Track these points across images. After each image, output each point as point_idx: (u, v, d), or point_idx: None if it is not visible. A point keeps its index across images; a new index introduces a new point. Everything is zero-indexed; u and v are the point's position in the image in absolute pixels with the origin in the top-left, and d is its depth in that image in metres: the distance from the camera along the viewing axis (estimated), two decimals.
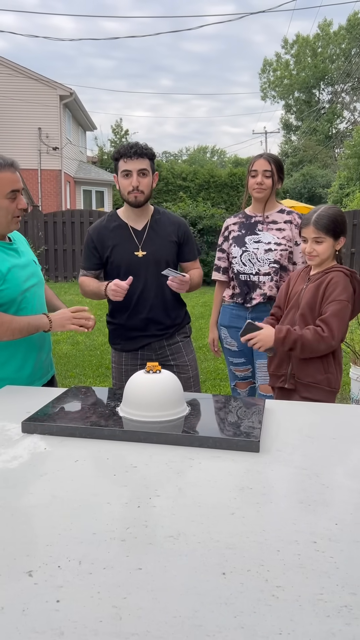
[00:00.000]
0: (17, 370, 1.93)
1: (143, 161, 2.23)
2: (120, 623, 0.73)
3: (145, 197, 2.29)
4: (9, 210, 1.85)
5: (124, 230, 2.34)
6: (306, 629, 0.72)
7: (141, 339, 2.40)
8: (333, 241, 2.08)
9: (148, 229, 2.35)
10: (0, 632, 0.71)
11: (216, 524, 0.98)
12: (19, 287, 1.90)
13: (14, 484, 1.13)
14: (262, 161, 2.61)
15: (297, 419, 1.56)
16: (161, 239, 2.35)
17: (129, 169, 2.24)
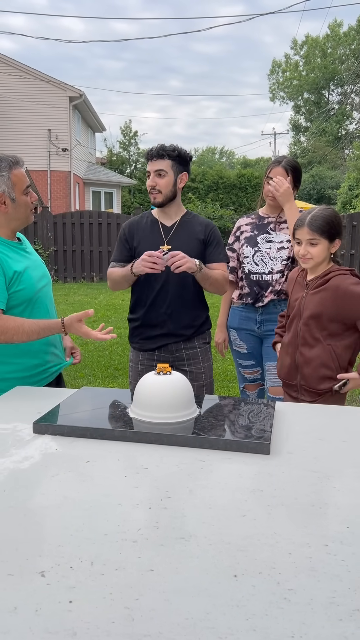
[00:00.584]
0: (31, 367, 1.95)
1: (161, 162, 2.30)
2: (132, 624, 0.73)
3: (164, 197, 2.33)
4: (28, 205, 1.92)
5: (154, 225, 2.42)
6: (318, 632, 0.72)
7: (159, 339, 2.41)
8: (328, 243, 2.01)
9: (177, 226, 2.41)
10: (14, 632, 0.72)
11: (227, 526, 0.98)
12: (34, 287, 1.92)
13: (26, 485, 1.14)
14: (279, 169, 2.58)
15: (307, 421, 1.55)
16: (187, 236, 2.38)
17: (148, 169, 2.34)
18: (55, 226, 12.41)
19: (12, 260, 1.88)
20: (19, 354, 1.91)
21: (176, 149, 2.33)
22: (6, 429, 1.46)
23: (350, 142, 34.39)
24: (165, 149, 2.31)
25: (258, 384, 2.81)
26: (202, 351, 2.46)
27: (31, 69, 18.52)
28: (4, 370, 1.92)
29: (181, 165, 2.35)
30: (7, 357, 1.91)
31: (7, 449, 1.33)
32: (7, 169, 1.83)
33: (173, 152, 2.31)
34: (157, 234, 2.39)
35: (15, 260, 1.89)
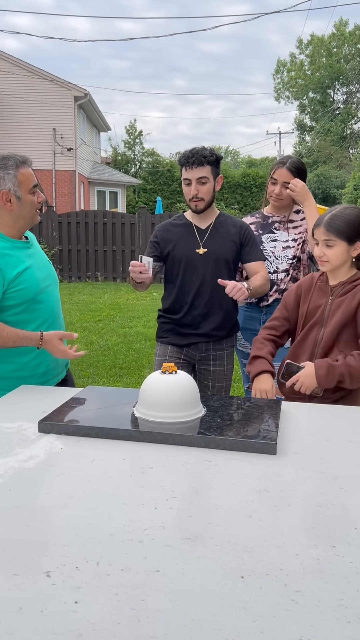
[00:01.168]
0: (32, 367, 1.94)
1: (202, 169, 2.27)
2: (138, 625, 0.73)
3: (206, 204, 2.34)
4: (34, 204, 1.92)
5: (188, 228, 2.41)
6: (327, 635, 0.71)
7: (191, 337, 2.41)
8: (347, 245, 1.85)
9: (211, 228, 2.40)
10: (19, 633, 0.71)
11: (234, 526, 0.97)
12: (36, 286, 1.91)
13: (31, 484, 1.13)
14: (283, 171, 2.55)
15: (314, 421, 1.54)
16: (222, 238, 2.38)
17: (188, 177, 2.29)
18: (60, 225, 12.42)
19: (15, 259, 1.87)
20: (18, 353, 1.91)
21: (213, 153, 2.30)
22: (11, 428, 1.46)
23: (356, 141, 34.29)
24: (204, 155, 2.26)
25: None
26: (228, 354, 2.49)
27: (36, 69, 18.54)
28: (6, 370, 1.92)
29: (217, 168, 2.34)
30: (7, 357, 1.91)
31: (13, 448, 1.32)
32: (14, 167, 1.84)
33: (212, 157, 2.28)
34: (192, 237, 2.38)
35: (18, 259, 1.89)
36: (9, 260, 1.85)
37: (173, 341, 2.45)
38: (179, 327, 2.42)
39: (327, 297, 1.93)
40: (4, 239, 1.90)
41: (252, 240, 2.43)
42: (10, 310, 1.88)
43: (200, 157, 2.25)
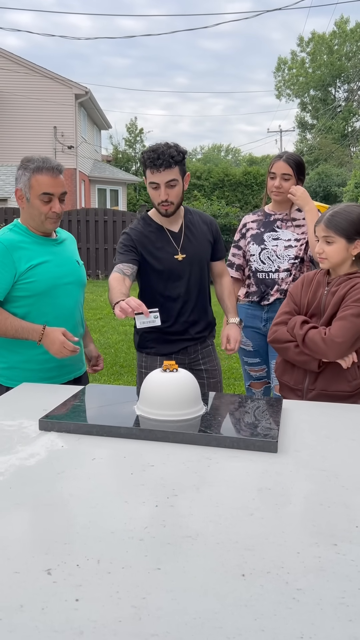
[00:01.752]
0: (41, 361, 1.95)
1: (170, 171, 2.08)
2: (140, 623, 0.73)
3: (176, 207, 2.19)
4: (41, 211, 1.92)
5: (162, 234, 2.24)
6: (328, 633, 0.71)
7: (178, 343, 2.31)
8: (346, 243, 1.86)
9: (185, 230, 2.28)
10: (20, 630, 0.71)
11: (235, 524, 0.97)
12: (49, 281, 1.94)
13: (32, 482, 1.13)
14: (281, 163, 2.57)
15: (315, 420, 1.54)
16: (198, 239, 2.29)
17: (156, 181, 2.10)
18: (61, 224, 12.38)
19: (31, 253, 1.93)
20: (26, 345, 1.93)
21: (180, 151, 2.11)
22: (12, 425, 1.46)
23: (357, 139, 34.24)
24: (172, 156, 2.06)
25: (264, 382, 2.80)
26: (212, 348, 2.45)
27: (37, 66, 18.52)
28: (15, 360, 1.97)
29: (184, 166, 2.17)
30: (16, 347, 1.95)
31: (13, 445, 1.32)
32: (31, 170, 1.89)
33: (179, 157, 2.09)
34: (168, 243, 2.23)
35: (35, 253, 1.94)
36: (22, 253, 1.91)
37: (161, 351, 2.31)
38: (166, 335, 2.29)
39: (323, 288, 1.97)
40: (25, 233, 1.97)
41: (220, 235, 2.41)
42: (19, 302, 1.93)
43: (168, 158, 2.05)
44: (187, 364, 2.36)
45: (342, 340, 1.81)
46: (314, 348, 1.85)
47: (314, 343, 1.84)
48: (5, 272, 1.87)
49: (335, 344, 1.81)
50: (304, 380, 1.96)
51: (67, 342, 1.87)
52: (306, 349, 1.87)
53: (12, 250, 1.89)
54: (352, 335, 1.82)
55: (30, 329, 1.89)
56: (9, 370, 1.98)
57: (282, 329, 1.98)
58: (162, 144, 2.11)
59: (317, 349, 1.84)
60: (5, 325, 1.87)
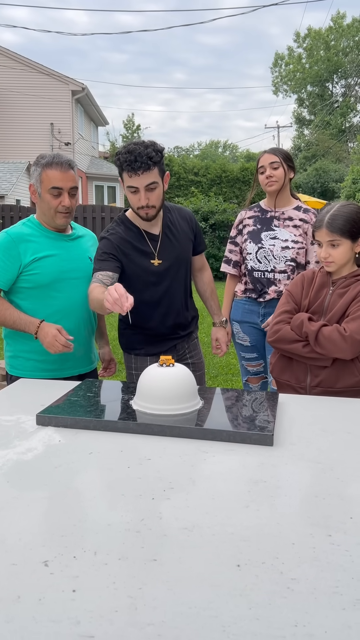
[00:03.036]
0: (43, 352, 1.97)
1: (149, 174, 1.92)
2: (136, 613, 0.73)
3: (157, 210, 2.04)
4: (51, 205, 1.96)
5: (141, 238, 2.11)
6: (322, 622, 0.72)
7: (167, 342, 2.26)
8: (351, 243, 1.86)
9: (165, 231, 2.15)
10: (17, 621, 0.72)
11: (230, 516, 0.98)
12: (53, 274, 1.97)
13: (29, 476, 1.14)
14: (266, 155, 2.60)
15: (311, 413, 1.55)
16: (178, 240, 2.18)
17: (134, 185, 1.95)
18: None
19: (37, 245, 1.97)
20: (30, 336, 1.96)
21: (157, 150, 1.94)
22: (10, 420, 1.47)
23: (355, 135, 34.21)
24: (150, 156, 1.90)
25: (261, 377, 2.80)
26: (197, 341, 2.45)
27: (33, 63, 18.47)
28: (21, 349, 2.03)
29: (163, 165, 2.00)
30: (20, 337, 2.01)
31: (11, 440, 1.33)
32: (42, 165, 1.94)
33: (157, 157, 1.93)
34: (145, 247, 2.10)
35: (42, 246, 1.98)
36: (28, 245, 1.96)
37: (150, 351, 2.24)
38: (153, 337, 2.22)
39: (327, 287, 1.95)
40: (37, 227, 2.02)
41: (200, 230, 2.34)
42: (22, 293, 1.98)
43: (146, 159, 1.89)
44: (175, 360, 2.32)
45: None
46: (330, 346, 1.80)
47: (330, 341, 1.80)
48: (10, 263, 1.94)
49: (356, 341, 1.79)
50: (305, 378, 1.92)
51: (59, 336, 1.85)
52: (318, 346, 1.82)
53: (18, 242, 1.95)
54: None
55: (28, 322, 1.93)
56: (14, 359, 2.05)
57: (285, 328, 1.92)
58: (139, 143, 1.94)
59: (333, 346, 1.80)
60: (5, 315, 1.93)
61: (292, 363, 1.96)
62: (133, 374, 2.30)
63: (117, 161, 1.98)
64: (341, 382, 1.87)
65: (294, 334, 1.90)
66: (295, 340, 1.89)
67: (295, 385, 1.94)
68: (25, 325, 1.93)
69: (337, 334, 1.80)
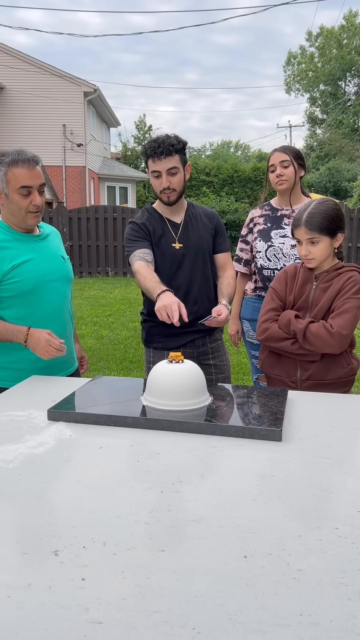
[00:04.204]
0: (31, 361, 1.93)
1: (171, 159, 2.15)
2: (143, 601, 0.75)
3: (178, 195, 2.24)
4: (21, 206, 1.86)
5: (164, 224, 2.30)
6: (327, 611, 0.73)
7: (185, 336, 2.29)
8: (330, 239, 1.91)
9: (186, 221, 2.32)
10: (28, 607, 0.74)
11: (238, 509, 0.99)
12: (34, 279, 1.90)
13: (40, 469, 1.16)
14: (277, 154, 2.59)
15: (320, 410, 1.55)
16: (198, 230, 2.31)
17: (157, 169, 2.17)
18: (71, 221, 12.48)
19: (14, 251, 1.88)
20: (14, 346, 1.90)
21: (179, 141, 2.18)
22: (21, 416, 1.49)
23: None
24: (172, 144, 2.14)
25: None
26: (221, 343, 2.45)
27: (46, 65, 18.59)
28: (7, 361, 1.94)
29: (185, 155, 2.23)
30: (5, 348, 1.92)
31: (22, 435, 1.35)
32: (7, 164, 1.82)
33: (179, 145, 2.16)
34: (169, 233, 2.28)
35: (18, 251, 1.89)
36: (5, 253, 1.86)
37: (168, 345, 2.31)
38: (172, 329, 2.18)
39: (311, 283, 1.98)
40: (6, 231, 1.91)
41: (223, 229, 2.42)
42: (4, 302, 1.88)
43: (168, 146, 2.13)
44: (195, 357, 2.35)
45: (348, 332, 1.84)
46: (318, 342, 1.85)
47: (318, 337, 1.84)
48: None
49: (343, 336, 1.83)
50: (296, 372, 1.96)
51: (52, 341, 1.83)
52: (307, 343, 1.86)
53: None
54: (354, 327, 1.85)
55: (15, 331, 1.85)
56: (1, 370, 1.94)
57: (273, 326, 1.96)
58: (163, 135, 2.19)
59: (321, 343, 1.84)
60: None
61: (281, 358, 1.99)
62: (151, 367, 2.32)
63: (142, 150, 2.23)
64: (331, 375, 1.91)
65: (282, 332, 1.94)
66: (284, 338, 1.94)
67: (286, 380, 1.98)
68: (13, 334, 1.85)
69: (324, 330, 1.84)
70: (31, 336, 1.85)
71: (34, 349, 1.86)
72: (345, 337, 1.84)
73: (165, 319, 1.88)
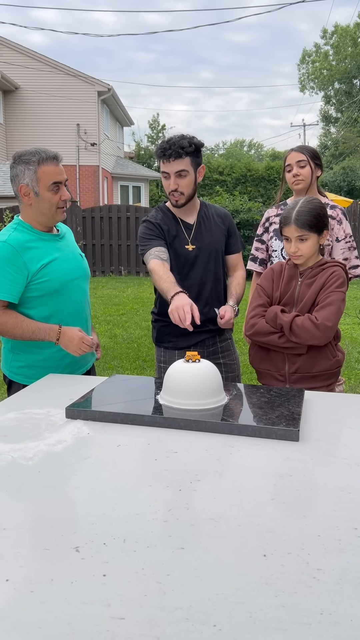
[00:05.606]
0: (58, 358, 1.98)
1: (180, 162, 2.12)
2: (164, 597, 0.76)
3: (187, 197, 2.21)
4: (52, 202, 1.91)
5: (177, 224, 2.28)
6: (347, 611, 0.73)
7: (196, 336, 2.27)
8: (317, 236, 1.99)
9: (199, 222, 2.31)
10: (50, 601, 0.75)
11: (256, 508, 1.00)
12: (61, 279, 1.94)
13: (59, 466, 1.17)
14: (294, 153, 2.59)
15: (337, 410, 1.55)
16: (211, 231, 2.31)
17: (166, 171, 2.16)
18: (84, 220, 12.54)
19: (40, 251, 1.92)
20: (44, 345, 1.95)
21: (192, 143, 2.14)
22: (40, 413, 1.50)
23: None
24: (182, 146, 2.10)
25: None
26: (231, 342, 2.45)
27: (60, 64, 18.69)
28: (33, 359, 1.98)
29: (198, 158, 2.18)
30: (34, 347, 1.96)
31: (41, 432, 1.36)
32: (35, 163, 1.87)
33: (190, 148, 2.12)
34: (181, 234, 2.27)
35: (44, 251, 1.93)
36: (33, 253, 1.90)
37: (178, 345, 2.31)
38: (182, 328, 2.18)
39: (296, 279, 2.05)
40: (30, 231, 1.94)
41: (235, 230, 2.41)
42: (33, 302, 1.92)
43: (178, 148, 2.09)
44: (206, 356, 2.35)
45: (332, 324, 1.91)
46: (304, 334, 1.91)
47: (304, 329, 1.91)
48: (18, 275, 1.86)
49: (327, 328, 1.90)
50: (284, 366, 2.01)
51: (85, 338, 1.89)
52: (293, 336, 1.93)
53: (22, 251, 1.87)
54: (338, 319, 1.93)
55: (47, 329, 1.89)
56: (28, 368, 1.99)
57: (261, 321, 2.03)
58: (177, 136, 2.16)
59: (307, 335, 1.91)
60: (22, 329, 1.87)
61: (270, 353, 2.05)
62: (162, 367, 2.37)
63: (155, 150, 2.21)
64: (317, 367, 1.98)
65: (269, 327, 2.01)
66: (271, 332, 2.00)
67: (275, 373, 2.04)
68: (45, 333, 1.89)
69: (310, 322, 1.91)
70: (64, 334, 1.90)
71: (67, 347, 1.91)
72: (330, 328, 1.91)
73: (177, 321, 1.89)
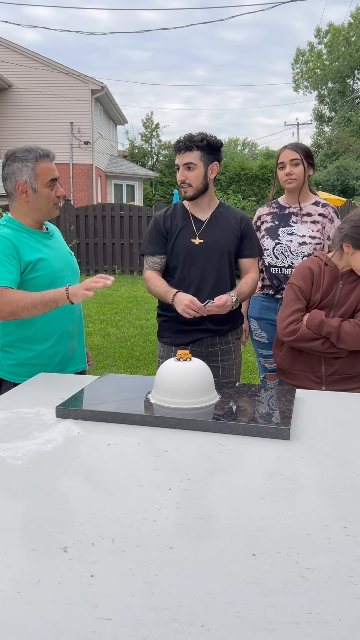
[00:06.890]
0: (49, 355, 1.97)
1: (190, 154, 2.20)
2: (152, 598, 0.75)
3: (195, 191, 2.25)
4: (50, 198, 1.95)
5: (186, 219, 2.33)
6: (336, 610, 0.73)
7: (193, 333, 2.31)
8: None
9: (211, 219, 2.33)
10: (37, 603, 0.74)
11: (246, 507, 0.99)
12: (53, 275, 1.94)
13: (49, 466, 1.16)
14: (287, 151, 2.58)
15: (328, 409, 1.55)
16: (222, 229, 2.31)
17: (177, 162, 2.26)
18: (78, 219, 12.50)
19: (31, 248, 1.92)
20: (36, 342, 1.95)
21: (205, 138, 2.22)
22: (30, 413, 1.49)
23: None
24: (193, 140, 2.20)
25: None
26: (235, 347, 2.42)
27: (53, 62, 18.61)
28: (25, 357, 1.97)
29: (211, 154, 2.24)
30: (26, 344, 1.95)
31: (31, 432, 1.36)
32: (33, 160, 1.89)
33: (202, 142, 2.20)
34: (189, 227, 2.30)
35: (35, 249, 1.93)
36: (25, 248, 1.90)
37: (176, 341, 2.34)
38: (181, 325, 2.29)
39: (337, 282, 2.04)
40: (22, 228, 1.95)
41: (252, 234, 2.39)
42: None
43: (188, 141, 2.20)
44: (204, 357, 2.35)
45: None
46: (352, 340, 1.94)
47: (352, 335, 1.94)
48: (16, 264, 1.85)
49: None
50: (320, 367, 2.02)
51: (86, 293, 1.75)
52: (341, 342, 1.95)
53: (16, 243, 1.87)
54: None
55: (55, 293, 1.79)
56: (19, 367, 1.97)
57: (303, 327, 2.01)
58: (198, 132, 2.26)
59: (356, 340, 1.94)
60: (31, 296, 1.78)
61: (303, 354, 2.05)
62: (160, 361, 2.41)
63: (172, 146, 2.34)
64: (357, 368, 2.00)
65: (312, 333, 1.99)
66: (314, 338, 1.99)
67: (311, 375, 2.04)
68: (56, 301, 1.79)
69: (359, 328, 1.95)
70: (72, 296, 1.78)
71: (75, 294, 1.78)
72: None
73: (194, 315, 2.08)
